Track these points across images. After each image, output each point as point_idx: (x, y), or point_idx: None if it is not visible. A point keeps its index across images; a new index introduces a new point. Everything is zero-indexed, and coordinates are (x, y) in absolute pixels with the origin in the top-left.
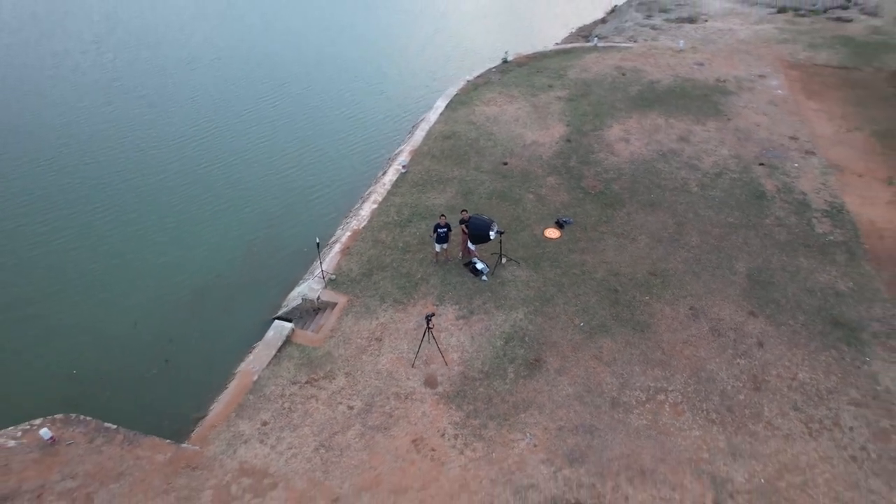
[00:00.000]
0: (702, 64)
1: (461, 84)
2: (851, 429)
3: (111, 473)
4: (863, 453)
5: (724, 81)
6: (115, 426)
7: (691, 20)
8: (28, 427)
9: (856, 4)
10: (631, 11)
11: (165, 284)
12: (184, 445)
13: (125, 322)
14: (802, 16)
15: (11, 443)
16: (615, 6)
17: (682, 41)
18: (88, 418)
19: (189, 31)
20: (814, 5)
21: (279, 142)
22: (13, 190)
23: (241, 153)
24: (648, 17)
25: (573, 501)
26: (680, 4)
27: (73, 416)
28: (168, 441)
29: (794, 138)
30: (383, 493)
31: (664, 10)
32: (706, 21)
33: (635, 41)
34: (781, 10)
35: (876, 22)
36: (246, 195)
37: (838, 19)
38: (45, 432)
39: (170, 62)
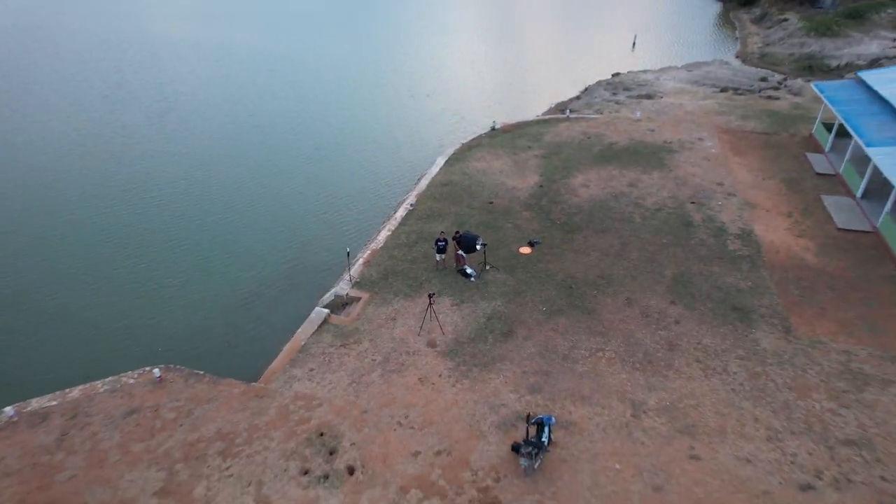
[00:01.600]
0: (653, 130)
1: (457, 146)
2: (735, 373)
3: (203, 398)
4: (740, 387)
5: (670, 143)
6: (202, 372)
7: (649, 97)
8: (142, 371)
9: (785, 86)
10: (600, 90)
11: (238, 281)
12: (253, 384)
13: (207, 307)
14: (740, 94)
15: (132, 380)
16: (587, 86)
17: (638, 112)
18: (182, 367)
19: (234, 107)
20: (750, 87)
21: (315, 190)
22: (150, 224)
23: (287, 198)
24: (614, 94)
25: (532, 413)
26: (640, 84)
27: (172, 365)
28: (241, 381)
29: (720, 184)
30: (398, 408)
31: (627, 89)
32: (661, 98)
33: (601, 113)
34: (723, 90)
35: (798, 100)
36: (291, 226)
37: (769, 97)
38: (156, 371)
39: (222, 130)
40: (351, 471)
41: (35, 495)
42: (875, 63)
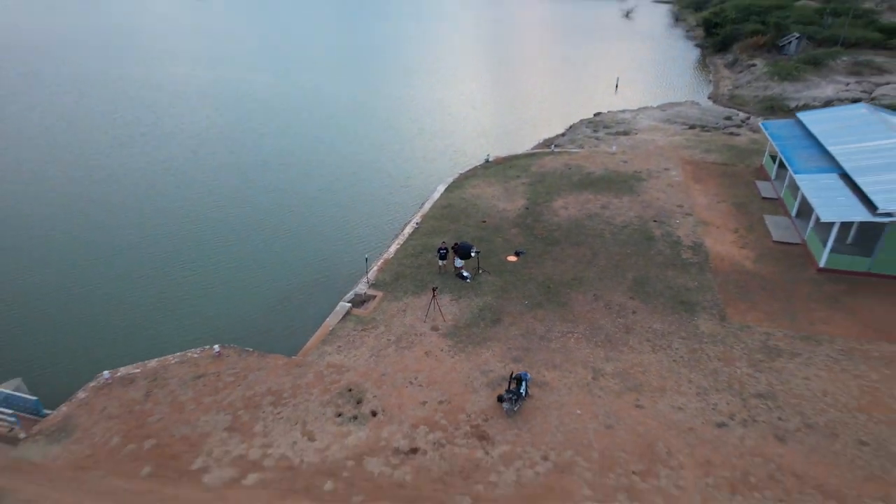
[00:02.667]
0: (626, 161)
1: (456, 175)
2: (676, 349)
3: (254, 367)
4: (680, 359)
5: (640, 172)
6: (251, 349)
7: (626, 133)
8: (203, 348)
9: (746, 124)
10: (583, 127)
11: (277, 282)
12: (293, 357)
13: (255, 301)
14: (706, 131)
15: (196, 355)
16: (572, 124)
17: (614, 147)
18: (236, 345)
19: (259, 143)
20: (716, 125)
21: (336, 212)
22: (208, 239)
23: (313, 219)
24: (595, 131)
25: (514, 371)
26: (619, 122)
27: (227, 345)
28: (283, 356)
29: (680, 206)
30: (409, 372)
31: (607, 127)
32: (636, 134)
33: (582, 147)
34: (692, 127)
35: (756, 136)
36: (318, 240)
37: (731, 134)
38: (216, 348)
39: (250, 164)
40: (374, 413)
41: (134, 431)
42: (828, 104)
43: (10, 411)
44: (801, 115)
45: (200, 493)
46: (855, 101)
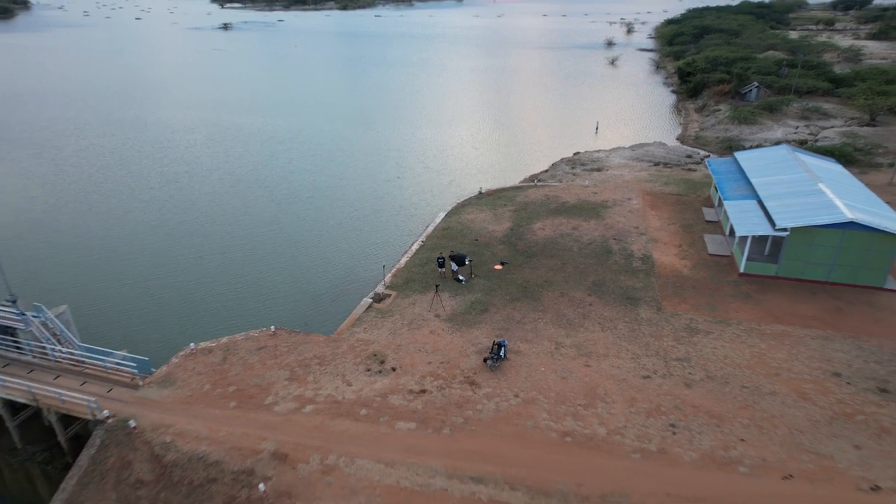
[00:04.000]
0: (596, 193)
1: (454, 204)
2: (620, 329)
3: (301, 342)
4: (622, 336)
5: (606, 201)
6: (298, 331)
7: (599, 170)
8: (262, 329)
9: (705, 162)
10: (563, 165)
11: (315, 284)
12: (330, 335)
13: (298, 296)
14: (668, 168)
15: (256, 334)
16: (554, 162)
17: (588, 181)
18: (285, 328)
19: (287, 178)
20: (677, 162)
21: (357, 233)
22: (260, 251)
23: (339, 239)
24: (573, 168)
25: (495, 341)
26: (594, 161)
27: (279, 327)
28: (323, 334)
29: (636, 227)
30: (418, 344)
31: (583, 164)
32: (608, 170)
33: (561, 182)
34: (656, 164)
35: (709, 172)
36: (344, 255)
37: (689, 170)
38: (272, 328)
39: (282, 196)
40: (393, 369)
41: (219, 382)
42: (777, 144)
43: (133, 364)
44: (737, 154)
45: (273, 417)
46: (801, 142)
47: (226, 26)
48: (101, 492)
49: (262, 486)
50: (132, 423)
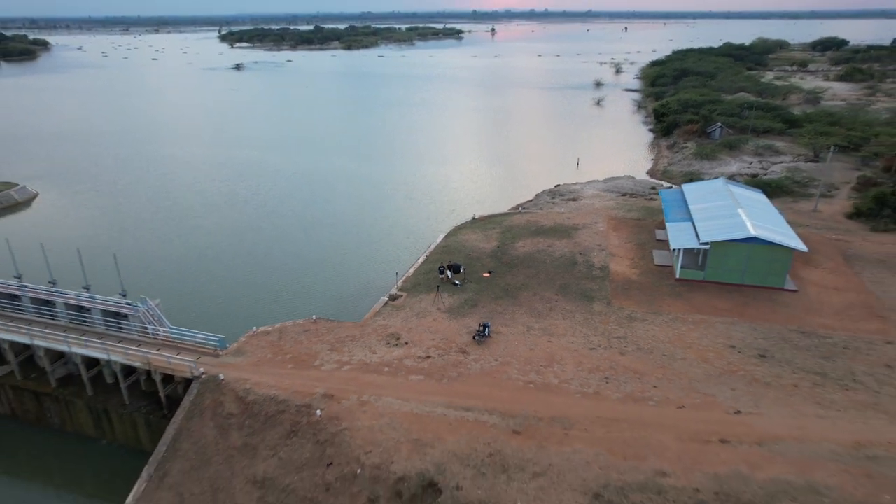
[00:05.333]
0: (570, 218)
1: (451, 228)
2: (578, 318)
3: (336, 327)
4: (578, 323)
5: (577, 225)
6: (333, 319)
7: (574, 199)
8: (306, 318)
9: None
10: (545, 196)
11: (343, 288)
12: (358, 322)
13: (329, 296)
14: (634, 197)
15: (300, 321)
16: (537, 193)
17: (564, 209)
18: (323, 318)
19: (310, 209)
20: (642, 193)
21: (374, 251)
22: (303, 260)
23: (358, 255)
24: (552, 198)
25: (482, 323)
26: (571, 192)
27: (318, 317)
28: (352, 322)
29: (599, 245)
30: (425, 327)
31: (562, 195)
32: (581, 200)
33: (541, 209)
34: (623, 195)
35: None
36: (365, 266)
37: (650, 199)
38: (313, 316)
39: (307, 226)
40: (406, 343)
41: (278, 352)
42: (731, 177)
43: (217, 337)
44: (684, 186)
45: (321, 373)
46: (753, 175)
47: (238, 67)
48: (202, 421)
49: (318, 412)
50: (221, 377)
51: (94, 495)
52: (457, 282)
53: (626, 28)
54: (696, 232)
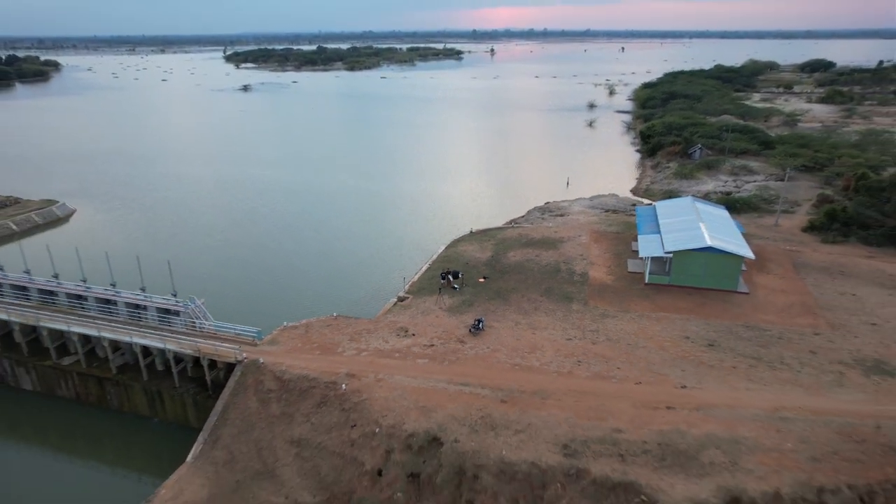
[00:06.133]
0: (557, 232)
1: (451, 240)
2: (559, 315)
3: (353, 323)
4: (559, 319)
5: (563, 238)
6: (351, 316)
7: (562, 215)
8: (328, 315)
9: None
10: (535, 212)
11: (356, 291)
12: (371, 319)
13: (349, 298)
14: (615, 213)
15: (324, 318)
16: (529, 210)
17: (552, 223)
18: (343, 315)
19: (327, 223)
20: (623, 209)
21: (384, 261)
22: (327, 269)
23: (373, 263)
24: (542, 214)
25: (476, 318)
26: (559, 208)
27: (339, 314)
28: (367, 318)
29: (581, 255)
30: (428, 322)
31: (551, 211)
32: (568, 216)
33: (532, 224)
34: (606, 211)
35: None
36: (376, 272)
37: (630, 215)
38: (334, 314)
39: (326, 237)
40: (413, 334)
41: (307, 342)
42: (706, 195)
43: (254, 330)
44: (656, 203)
45: (343, 358)
46: (727, 193)
47: (246, 88)
48: (246, 396)
49: (343, 386)
50: (261, 360)
51: (145, 468)
52: (456, 286)
53: (622, 48)
54: (662, 242)
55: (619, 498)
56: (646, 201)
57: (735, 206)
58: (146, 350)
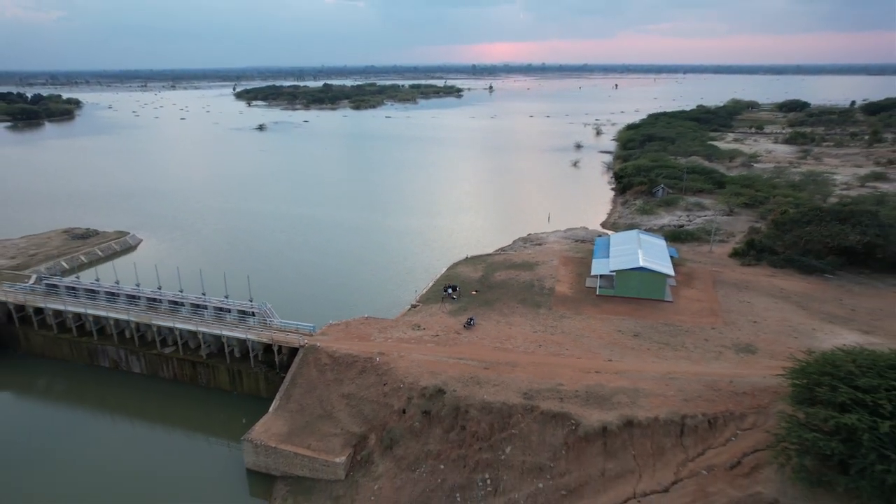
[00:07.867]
0: (534, 257)
1: (450, 264)
2: (529, 317)
3: (380, 321)
4: (529, 319)
5: (538, 261)
6: (379, 318)
7: (539, 244)
8: (360, 317)
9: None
10: (519, 242)
11: (376, 301)
12: (393, 318)
13: (371, 304)
14: (584, 243)
15: (358, 318)
16: (514, 240)
17: (531, 251)
18: (372, 317)
19: (350, 254)
20: (590, 240)
21: (399, 280)
22: (346, 278)
23: (390, 282)
24: (524, 243)
25: (469, 318)
26: (538, 238)
27: (368, 316)
28: (389, 319)
29: (551, 275)
30: (435, 321)
31: (531, 241)
32: (545, 245)
33: (515, 251)
34: (576, 241)
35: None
36: (393, 287)
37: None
38: (366, 314)
39: (352, 265)
40: (424, 329)
41: (348, 334)
42: (661, 228)
43: (310, 325)
44: (611, 235)
45: (375, 344)
46: (679, 226)
47: (261, 128)
48: (308, 368)
49: (377, 359)
50: (318, 344)
51: (223, 429)
52: (454, 297)
53: (616, 85)
54: (609, 264)
55: (558, 422)
56: (609, 233)
57: (682, 237)
58: (229, 341)
